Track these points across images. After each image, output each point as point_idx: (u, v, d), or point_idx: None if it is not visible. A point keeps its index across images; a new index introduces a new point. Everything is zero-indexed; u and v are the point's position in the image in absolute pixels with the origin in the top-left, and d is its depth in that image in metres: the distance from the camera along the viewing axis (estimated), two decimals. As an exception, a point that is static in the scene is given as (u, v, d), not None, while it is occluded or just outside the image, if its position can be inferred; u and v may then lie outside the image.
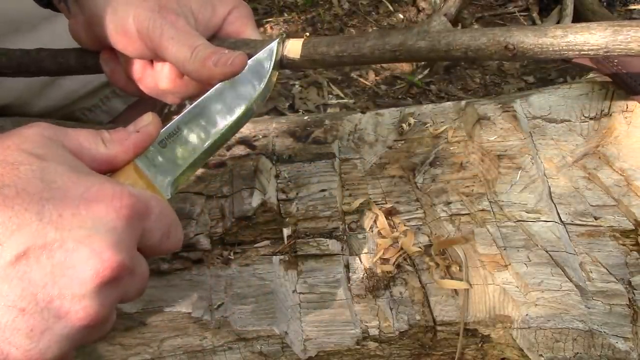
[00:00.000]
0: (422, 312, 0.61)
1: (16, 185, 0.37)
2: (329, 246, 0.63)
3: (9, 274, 0.36)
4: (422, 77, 1.80)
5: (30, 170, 0.38)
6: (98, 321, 0.38)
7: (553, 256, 0.62)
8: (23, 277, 0.36)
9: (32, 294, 0.36)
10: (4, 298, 0.36)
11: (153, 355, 0.60)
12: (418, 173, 0.68)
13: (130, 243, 0.41)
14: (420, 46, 0.48)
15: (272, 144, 0.69)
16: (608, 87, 0.70)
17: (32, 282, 0.36)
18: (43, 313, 0.37)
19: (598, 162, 0.67)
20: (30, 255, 0.36)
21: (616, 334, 0.59)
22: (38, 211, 0.37)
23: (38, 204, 0.37)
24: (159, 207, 0.43)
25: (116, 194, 0.39)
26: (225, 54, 0.52)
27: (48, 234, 0.37)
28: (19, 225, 0.36)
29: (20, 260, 0.36)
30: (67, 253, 0.37)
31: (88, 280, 0.37)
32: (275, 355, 0.61)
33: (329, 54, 0.51)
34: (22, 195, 0.37)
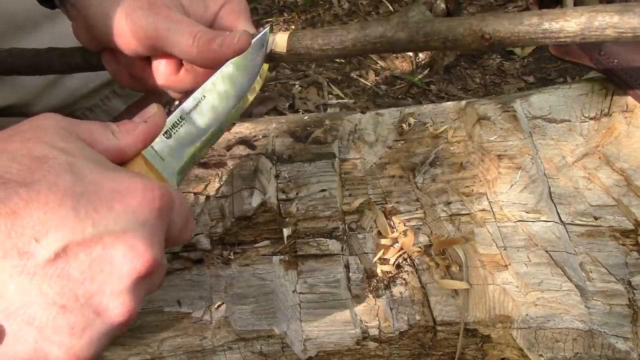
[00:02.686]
0: (422, 312, 0.61)
1: (47, 179, 0.36)
2: (329, 246, 0.63)
3: (48, 272, 0.35)
4: (422, 77, 1.80)
5: (58, 164, 0.37)
6: (134, 316, 0.39)
7: (553, 256, 0.62)
8: (62, 275, 0.36)
9: (72, 290, 0.36)
10: (44, 296, 0.35)
11: (153, 355, 0.60)
12: (418, 173, 0.68)
13: (161, 236, 0.41)
14: (399, 37, 0.48)
15: (272, 144, 0.69)
16: (608, 87, 0.70)
17: (71, 279, 0.36)
18: (83, 309, 0.36)
19: (598, 162, 0.67)
20: (69, 252, 0.36)
21: (616, 334, 0.59)
22: (73, 206, 0.36)
23: (72, 199, 0.36)
24: (179, 199, 0.43)
25: (147, 187, 0.39)
26: (228, 34, 0.52)
27: (86, 229, 0.36)
28: (55, 222, 0.35)
29: (59, 257, 0.36)
30: (105, 249, 0.37)
31: (126, 276, 0.37)
32: (275, 355, 0.61)
33: (312, 47, 0.52)
34: (54, 190, 0.36)
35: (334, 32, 0.51)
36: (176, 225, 0.43)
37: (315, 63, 1.85)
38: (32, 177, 0.36)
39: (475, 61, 1.91)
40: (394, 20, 0.48)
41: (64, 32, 0.83)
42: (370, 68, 1.86)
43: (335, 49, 0.51)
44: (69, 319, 0.36)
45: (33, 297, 0.35)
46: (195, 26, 0.53)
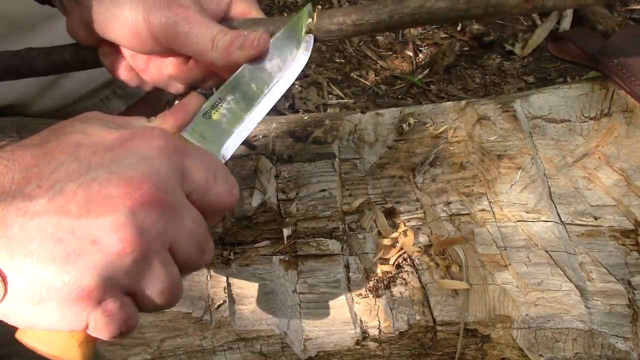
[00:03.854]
0: (422, 312, 0.61)
1: (58, 139, 0.40)
2: (329, 246, 0.63)
3: (47, 209, 0.38)
4: (422, 77, 1.80)
5: (72, 128, 0.41)
6: (135, 249, 0.38)
7: (553, 256, 0.62)
8: (60, 211, 0.38)
9: (69, 224, 0.38)
10: (43, 231, 0.37)
11: (153, 355, 0.60)
12: (418, 173, 0.68)
13: (168, 175, 0.41)
14: (439, 7, 0.46)
15: (272, 144, 0.69)
16: (608, 87, 0.70)
17: (69, 214, 0.38)
18: (79, 240, 0.38)
19: (598, 162, 0.67)
20: (67, 191, 0.38)
21: (616, 334, 0.59)
22: (73, 153, 0.39)
23: (75, 148, 0.40)
24: (198, 151, 0.45)
25: (147, 129, 0.42)
26: (246, 35, 0.52)
27: (82, 170, 0.39)
28: (56, 167, 0.39)
29: (57, 196, 0.38)
30: (101, 184, 0.38)
31: (120, 206, 0.38)
32: (275, 355, 0.61)
33: (345, 22, 0.50)
34: (62, 145, 0.40)
35: (369, 7, 0.49)
36: (197, 175, 0.43)
37: (315, 63, 1.85)
38: (47, 139, 0.40)
39: (475, 61, 1.91)
40: None
41: (63, 33, 0.83)
42: (370, 68, 1.86)
43: (370, 23, 0.49)
44: (65, 249, 0.38)
45: (33, 233, 0.37)
46: (214, 27, 0.53)
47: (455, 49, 1.86)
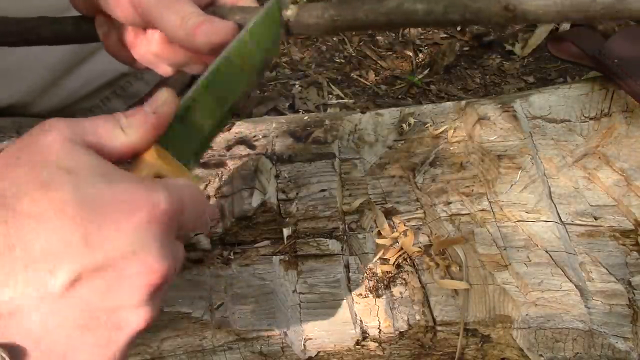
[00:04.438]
0: (422, 312, 0.61)
1: (54, 208, 0.37)
2: (329, 246, 0.63)
3: (67, 299, 0.37)
4: (422, 77, 1.80)
5: (63, 189, 0.38)
6: (152, 322, 0.40)
7: (553, 256, 0.62)
8: (81, 299, 0.37)
9: (92, 311, 0.38)
10: (68, 321, 0.37)
11: (153, 355, 0.60)
12: (418, 173, 0.68)
13: (171, 243, 0.41)
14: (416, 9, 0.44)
15: (272, 144, 0.69)
16: (608, 87, 0.70)
17: (90, 302, 0.38)
18: (105, 326, 0.39)
19: (598, 162, 0.67)
20: (84, 279, 0.37)
21: (616, 334, 0.59)
22: (82, 234, 0.37)
23: (81, 226, 0.37)
24: (191, 196, 0.43)
25: (154, 201, 0.40)
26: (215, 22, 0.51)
27: (96, 256, 0.37)
28: (67, 252, 0.37)
29: (74, 285, 0.37)
30: (118, 271, 0.38)
31: (141, 291, 0.39)
32: (275, 355, 0.61)
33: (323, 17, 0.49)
34: (62, 219, 0.37)
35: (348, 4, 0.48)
36: (189, 223, 0.43)
37: (316, 63, 1.85)
38: (39, 207, 0.37)
39: (475, 61, 1.91)
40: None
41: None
42: (370, 68, 1.86)
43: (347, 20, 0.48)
44: (92, 337, 0.38)
45: (56, 323, 0.37)
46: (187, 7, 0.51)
47: (455, 49, 1.86)
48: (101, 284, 0.38)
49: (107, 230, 0.38)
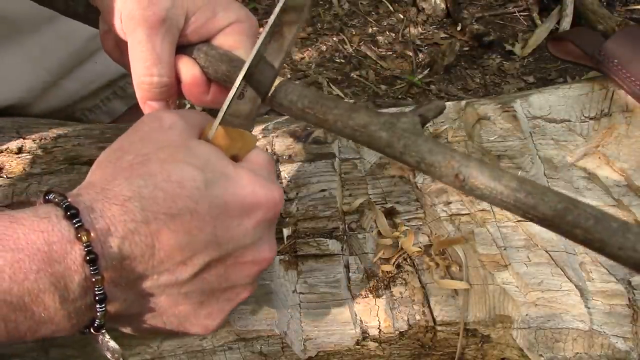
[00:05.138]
0: (422, 312, 0.61)
1: (188, 207, 0.41)
2: (329, 246, 0.63)
3: (193, 282, 0.43)
4: (422, 77, 1.80)
5: (196, 188, 0.42)
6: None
7: (553, 256, 0.62)
8: (203, 281, 0.44)
9: (210, 290, 0.45)
10: (188, 299, 0.44)
11: (153, 355, 0.60)
12: (418, 173, 0.68)
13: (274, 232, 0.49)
14: (380, 136, 0.45)
15: (272, 144, 0.69)
16: (608, 87, 0.70)
17: (210, 283, 0.44)
18: (218, 301, 0.46)
19: (598, 162, 0.67)
20: (210, 267, 0.43)
21: (616, 334, 0.59)
22: (212, 232, 0.42)
23: (211, 225, 0.42)
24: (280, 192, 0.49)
25: (270, 200, 0.45)
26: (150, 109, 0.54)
27: (222, 250, 0.43)
28: (199, 247, 0.42)
29: (202, 272, 0.43)
30: (236, 258, 0.45)
31: (253, 274, 0.47)
32: (275, 355, 0.61)
33: (296, 105, 0.49)
34: (196, 218, 0.41)
35: (322, 100, 0.48)
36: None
37: (316, 63, 1.85)
38: (176, 206, 0.41)
39: (475, 61, 1.91)
40: (384, 117, 0.45)
41: (65, 34, 0.83)
42: (370, 68, 1.86)
43: (316, 116, 0.48)
44: (205, 310, 0.45)
45: (179, 301, 0.43)
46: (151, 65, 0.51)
47: (455, 49, 1.86)
48: (222, 269, 0.44)
49: (234, 229, 0.43)
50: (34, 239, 0.36)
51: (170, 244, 0.40)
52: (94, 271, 0.38)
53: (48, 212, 0.38)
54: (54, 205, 0.39)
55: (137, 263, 0.40)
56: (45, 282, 0.36)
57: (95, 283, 0.38)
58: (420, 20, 2.01)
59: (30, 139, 0.68)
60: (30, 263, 0.36)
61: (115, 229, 0.39)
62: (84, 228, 0.38)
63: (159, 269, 0.41)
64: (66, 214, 0.38)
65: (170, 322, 0.45)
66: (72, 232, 0.38)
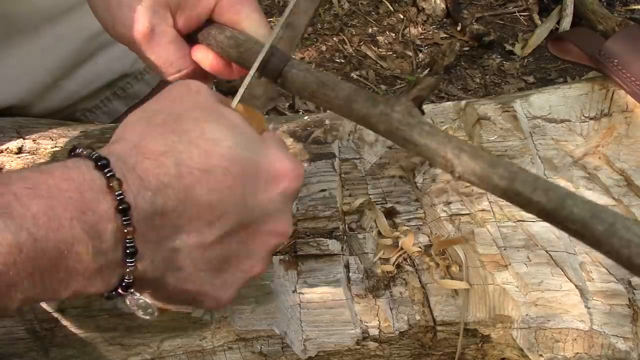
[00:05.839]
0: (422, 312, 0.61)
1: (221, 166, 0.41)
2: (329, 246, 0.63)
3: (217, 246, 0.42)
4: (422, 77, 1.80)
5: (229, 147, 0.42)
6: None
7: (553, 256, 0.62)
8: (225, 246, 0.43)
9: (229, 257, 0.44)
10: (209, 265, 0.43)
11: (153, 355, 0.60)
12: (418, 173, 0.68)
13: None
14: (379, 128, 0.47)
15: (272, 144, 0.69)
16: (608, 87, 0.70)
17: (230, 250, 0.44)
18: (234, 271, 0.45)
19: (598, 162, 0.67)
20: (234, 231, 0.43)
21: (616, 334, 0.59)
22: (242, 195, 0.42)
23: (241, 187, 0.42)
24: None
25: (296, 173, 0.46)
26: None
27: (249, 215, 0.43)
28: (228, 208, 0.42)
29: (226, 235, 0.43)
30: (258, 226, 0.45)
31: (269, 247, 0.47)
32: (275, 355, 0.61)
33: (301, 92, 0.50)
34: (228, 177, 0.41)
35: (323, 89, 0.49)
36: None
37: (316, 63, 1.85)
38: (210, 162, 0.41)
39: (475, 61, 1.91)
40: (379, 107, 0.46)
41: (65, 34, 0.83)
42: (370, 68, 1.86)
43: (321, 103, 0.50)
44: (222, 278, 0.45)
45: (201, 265, 0.43)
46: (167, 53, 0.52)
47: (455, 49, 1.86)
48: (244, 235, 0.44)
49: (261, 194, 0.44)
50: (65, 187, 0.36)
51: (202, 201, 0.40)
52: (126, 222, 0.37)
53: (77, 164, 0.37)
54: (83, 157, 0.38)
55: (168, 219, 0.39)
56: (79, 230, 0.35)
57: (127, 234, 0.37)
58: (420, 20, 2.01)
59: (30, 139, 0.68)
60: (64, 210, 0.35)
61: (148, 182, 0.38)
62: (116, 177, 0.37)
63: (188, 227, 0.40)
64: (97, 164, 0.37)
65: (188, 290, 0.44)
66: (104, 182, 0.37)
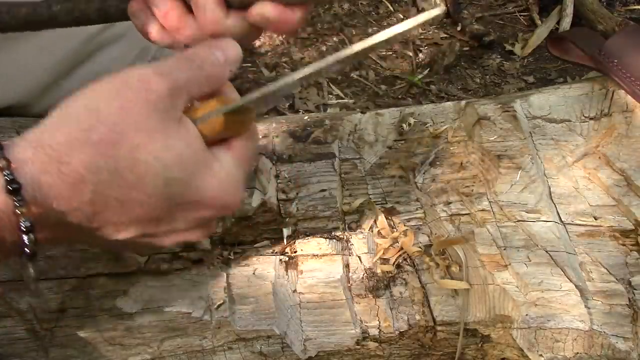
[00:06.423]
0: (422, 312, 0.61)
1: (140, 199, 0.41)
2: (329, 246, 0.63)
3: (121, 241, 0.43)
4: (422, 77, 1.80)
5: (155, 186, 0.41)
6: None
7: (553, 256, 0.62)
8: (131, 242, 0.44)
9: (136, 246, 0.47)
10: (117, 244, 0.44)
11: (153, 355, 0.60)
12: (418, 173, 0.68)
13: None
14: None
15: (272, 144, 0.69)
16: (608, 87, 0.70)
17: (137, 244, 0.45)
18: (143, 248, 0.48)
19: (598, 162, 0.67)
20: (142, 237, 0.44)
21: (616, 334, 0.59)
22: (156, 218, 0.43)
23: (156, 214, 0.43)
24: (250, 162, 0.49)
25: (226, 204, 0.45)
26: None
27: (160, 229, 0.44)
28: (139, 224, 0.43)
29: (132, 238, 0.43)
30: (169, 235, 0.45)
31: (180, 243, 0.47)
32: (275, 355, 0.61)
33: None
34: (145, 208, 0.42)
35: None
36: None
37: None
38: (129, 195, 0.41)
39: (475, 61, 1.91)
40: None
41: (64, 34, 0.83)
42: (370, 68, 1.86)
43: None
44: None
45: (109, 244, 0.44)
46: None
47: (455, 49, 1.86)
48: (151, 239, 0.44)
49: (177, 219, 0.44)
50: None
51: (111, 221, 0.41)
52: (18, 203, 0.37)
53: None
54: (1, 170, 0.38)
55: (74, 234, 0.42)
56: None
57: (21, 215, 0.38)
58: (420, 21, 2.01)
59: (30, 139, 0.68)
60: None
61: (58, 205, 0.39)
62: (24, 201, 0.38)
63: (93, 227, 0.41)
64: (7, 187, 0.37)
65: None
66: (11, 207, 0.37)
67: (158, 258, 0.62)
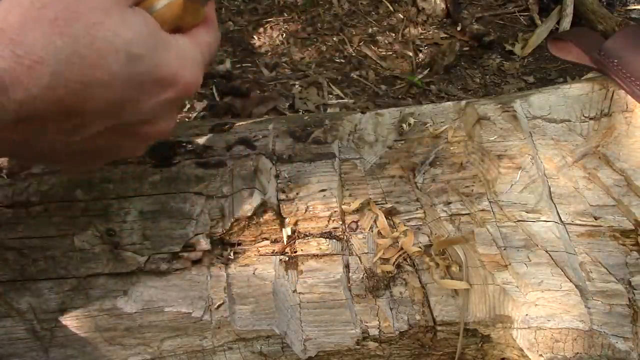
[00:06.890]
0: (422, 312, 0.61)
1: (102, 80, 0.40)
2: (329, 246, 0.63)
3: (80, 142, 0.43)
4: (422, 77, 1.80)
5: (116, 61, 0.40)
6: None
7: (553, 256, 0.62)
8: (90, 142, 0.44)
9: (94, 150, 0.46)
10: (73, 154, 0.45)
11: (153, 355, 0.60)
12: (418, 173, 0.68)
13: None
14: None
15: (272, 144, 0.69)
16: (608, 87, 0.70)
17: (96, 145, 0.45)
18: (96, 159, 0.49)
19: (598, 162, 0.67)
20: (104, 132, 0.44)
21: (616, 334, 0.59)
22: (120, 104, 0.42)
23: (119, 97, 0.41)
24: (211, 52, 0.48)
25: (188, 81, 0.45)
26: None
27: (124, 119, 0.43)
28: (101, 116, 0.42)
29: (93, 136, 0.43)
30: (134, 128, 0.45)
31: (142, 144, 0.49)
32: (275, 355, 0.61)
33: None
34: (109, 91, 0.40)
35: None
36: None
37: (316, 63, 1.85)
38: (92, 75, 0.39)
39: (475, 61, 1.91)
40: None
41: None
42: (370, 68, 1.86)
43: None
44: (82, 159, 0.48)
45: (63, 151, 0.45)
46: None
47: (455, 49, 1.86)
48: (113, 136, 0.44)
49: (141, 103, 0.43)
50: None
51: (72, 111, 0.39)
52: None
53: None
54: None
55: (31, 125, 0.39)
56: None
57: None
58: (420, 20, 2.01)
59: (30, 139, 0.68)
60: None
61: (14, 92, 0.36)
62: None
63: (52, 131, 0.40)
64: None
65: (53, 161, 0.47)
66: None
67: (158, 258, 0.62)
